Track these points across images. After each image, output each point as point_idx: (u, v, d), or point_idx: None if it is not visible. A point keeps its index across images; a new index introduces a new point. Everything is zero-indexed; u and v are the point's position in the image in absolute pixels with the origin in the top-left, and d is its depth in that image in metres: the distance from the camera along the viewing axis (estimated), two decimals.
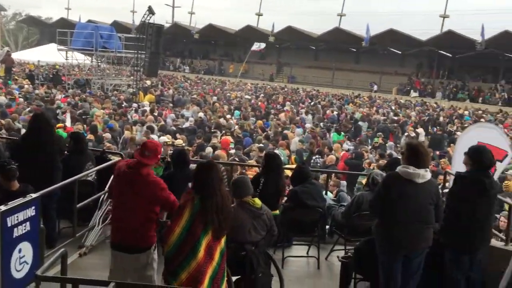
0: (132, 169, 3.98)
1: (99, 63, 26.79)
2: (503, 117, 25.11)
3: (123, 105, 18.82)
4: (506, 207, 6.30)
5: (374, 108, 25.61)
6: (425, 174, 4.11)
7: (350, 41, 40.10)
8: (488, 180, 4.46)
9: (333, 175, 8.85)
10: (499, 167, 7.56)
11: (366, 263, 4.86)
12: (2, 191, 4.87)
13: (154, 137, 11.92)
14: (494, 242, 5.03)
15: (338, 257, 5.39)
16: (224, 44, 49.80)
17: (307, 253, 6.16)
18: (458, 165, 6.74)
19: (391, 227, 4.16)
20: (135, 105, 19.32)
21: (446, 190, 6.21)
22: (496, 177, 7.56)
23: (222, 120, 16.62)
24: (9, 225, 4.19)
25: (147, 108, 17.82)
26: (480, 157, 4.52)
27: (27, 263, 4.47)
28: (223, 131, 14.15)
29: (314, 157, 11.89)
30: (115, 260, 4.09)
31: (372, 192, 5.20)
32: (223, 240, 3.59)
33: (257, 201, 4.32)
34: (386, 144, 14.77)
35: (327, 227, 6.52)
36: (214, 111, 19.12)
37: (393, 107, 27.14)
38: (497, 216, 6.59)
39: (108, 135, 11.66)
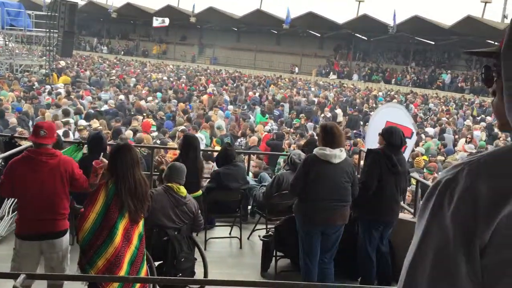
0: (32, 156, 3.78)
1: (7, 42, 24.92)
2: (413, 97, 26.72)
3: (34, 87, 17.72)
4: (414, 181, 6.74)
5: (295, 90, 26.21)
6: (340, 154, 4.30)
7: (271, 23, 40.46)
8: (397, 157, 4.76)
9: (255, 156, 8.99)
10: (409, 143, 8.05)
11: (286, 241, 5.03)
12: None
13: (71, 120, 11.38)
14: (402, 215, 5.38)
15: (259, 236, 5.53)
16: (144, 23, 48.24)
17: (230, 233, 6.24)
18: (371, 143, 7.12)
19: (310, 205, 4.34)
20: (48, 87, 18.26)
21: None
22: (407, 153, 8.07)
23: (143, 103, 16.20)
24: None
25: (61, 91, 16.90)
26: (392, 137, 4.79)
27: None
28: (144, 114, 13.84)
29: (239, 139, 12.01)
30: (26, 250, 3.86)
31: (292, 172, 5.37)
32: (141, 224, 3.53)
33: (183, 190, 4.28)
34: (306, 125, 15.21)
35: (249, 207, 6.65)
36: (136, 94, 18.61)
37: (313, 89, 27.94)
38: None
39: (13, 120, 10.92)
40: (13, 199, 5.77)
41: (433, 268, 0.92)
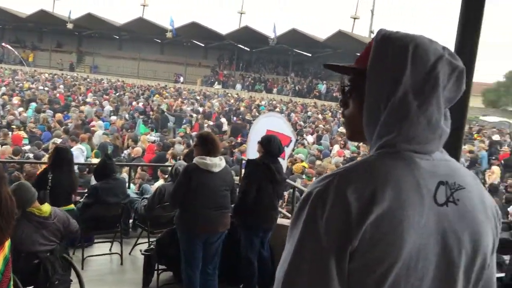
0: None
1: None
2: (293, 106, 28.07)
3: None
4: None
5: (180, 99, 26.08)
6: (220, 163, 4.38)
7: (154, 32, 39.87)
8: (274, 166, 4.96)
9: (139, 167, 8.76)
10: (287, 151, 8.43)
11: (168, 253, 4.96)
12: None
13: None
14: (280, 220, 5.62)
15: (140, 250, 5.39)
16: (14, 29, 44.59)
17: (110, 250, 5.99)
18: (252, 151, 7.34)
19: (192, 215, 4.34)
20: None
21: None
22: (286, 160, 8.45)
23: (10, 116, 14.91)
24: None
25: None
26: (270, 145, 4.99)
27: None
28: (13, 126, 12.78)
29: (124, 151, 11.61)
30: None
31: (174, 183, 5.32)
32: (6, 246, 3.23)
33: (45, 208, 3.91)
34: (192, 134, 15.20)
35: (131, 221, 6.46)
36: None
37: (198, 98, 28.03)
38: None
39: None
40: None
41: (309, 275, 0.98)
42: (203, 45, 42.30)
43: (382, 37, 1.09)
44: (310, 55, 39.59)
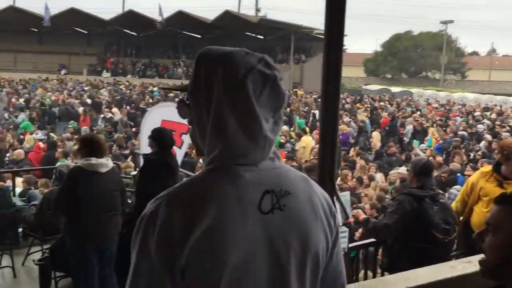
0: None
1: None
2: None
3: None
4: None
5: (66, 92, 24.59)
6: (107, 163, 4.25)
7: (30, 21, 36.85)
8: (171, 160, 4.93)
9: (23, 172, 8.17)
10: (185, 138, 8.38)
11: (65, 259, 4.77)
12: None
13: None
14: None
15: (33, 260, 5.12)
16: None
17: (0, 263, 5.60)
18: (145, 144, 7.20)
19: (80, 222, 4.14)
20: None
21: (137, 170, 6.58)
22: (184, 148, 8.40)
23: None
24: None
25: None
26: (162, 138, 4.92)
27: None
28: None
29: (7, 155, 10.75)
30: None
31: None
32: None
33: None
34: (81, 129, 14.51)
35: (20, 230, 6.07)
36: None
37: (86, 89, 26.62)
38: None
39: None
40: None
41: None
42: (86, 32, 40.01)
43: (197, 58, 1.15)
44: (200, 36, 39.30)
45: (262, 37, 37.08)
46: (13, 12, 35.61)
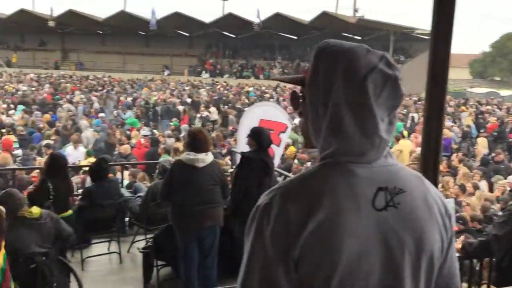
0: None
1: None
2: (282, 90, 28.07)
3: None
4: None
5: (168, 91, 25.95)
6: (205, 158, 4.43)
7: (137, 25, 39.48)
8: (268, 159, 5.04)
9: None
10: (283, 137, 8.48)
11: (166, 249, 5.05)
12: None
13: None
14: None
15: (138, 248, 5.48)
16: None
17: (108, 249, 6.07)
18: (242, 142, 7.39)
19: (180, 211, 4.43)
20: None
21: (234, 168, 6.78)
22: (282, 146, 8.49)
23: (4, 117, 14.86)
24: None
25: None
26: (260, 138, 5.04)
27: None
28: (3, 130, 12.72)
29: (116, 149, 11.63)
30: None
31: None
32: (1, 257, 3.31)
33: (35, 211, 3.99)
34: (181, 127, 15.19)
35: (126, 219, 6.53)
36: None
37: (186, 89, 27.91)
38: None
39: None
40: None
41: (260, 283, 1.06)
42: (187, 34, 41.97)
43: (317, 51, 1.15)
44: (296, 38, 39.46)
45: (359, 37, 36.34)
46: (123, 17, 38.30)
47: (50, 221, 4.04)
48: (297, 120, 17.06)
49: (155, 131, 14.84)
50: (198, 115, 18.63)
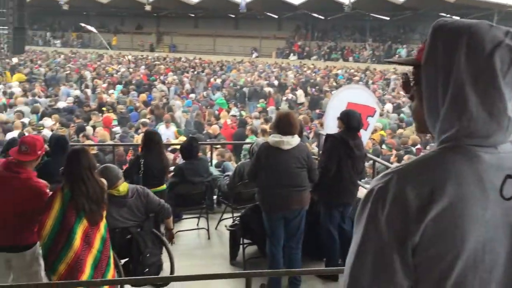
0: (10, 171, 3.68)
1: None
2: (372, 74, 27.21)
3: None
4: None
5: (256, 73, 26.21)
6: (291, 141, 4.41)
7: (228, 7, 40.14)
8: (353, 142, 4.91)
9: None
10: (371, 121, 8.25)
11: (252, 228, 5.15)
12: None
13: (25, 120, 11.10)
14: (361, 194, 5.57)
15: (225, 226, 5.63)
16: (97, 14, 46.98)
17: (197, 225, 6.31)
18: (330, 125, 7.27)
19: (266, 192, 4.48)
20: (1, 87, 17.64)
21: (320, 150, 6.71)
22: (370, 130, 8.28)
23: (105, 96, 15.91)
24: None
25: (15, 90, 16.34)
26: (349, 120, 4.95)
27: None
28: (104, 108, 13.61)
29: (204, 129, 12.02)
30: None
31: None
32: (102, 227, 3.55)
33: (122, 188, 4.19)
34: (267, 109, 15.29)
35: (215, 197, 6.73)
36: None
37: (274, 71, 28.01)
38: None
39: None
40: None
41: (373, 267, 1.03)
42: (276, 16, 41.95)
43: (434, 29, 1.08)
44: (388, 18, 37.89)
45: (458, 17, 34.04)
46: (215, 0, 39.11)
47: (137, 196, 4.25)
48: (387, 106, 16.59)
49: (242, 112, 15.08)
50: (284, 98, 18.64)
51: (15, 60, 25.23)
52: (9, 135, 8.97)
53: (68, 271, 3.30)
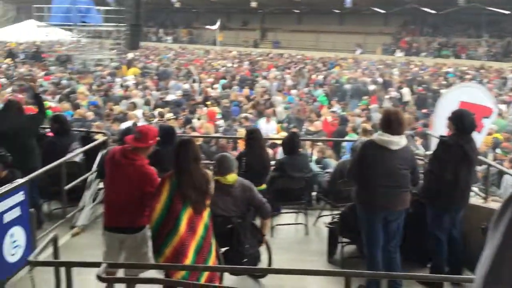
0: (127, 158, 3.97)
1: (79, 38, 26.28)
2: (487, 72, 25.24)
3: (103, 80, 18.60)
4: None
5: (360, 70, 25.55)
6: (399, 141, 4.22)
7: (333, 3, 39.57)
8: (468, 146, 4.58)
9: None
10: (487, 123, 7.69)
11: (352, 228, 5.03)
12: None
13: (138, 112, 11.89)
14: (473, 200, 5.20)
15: (325, 223, 5.56)
16: (206, 11, 48.94)
17: (296, 220, 6.31)
18: (440, 126, 6.86)
19: (367, 191, 4.33)
20: (118, 79, 19.09)
21: (427, 152, 6.37)
22: (484, 132, 7.72)
23: (210, 90, 16.54)
24: None
25: (130, 83, 17.60)
26: (462, 122, 4.61)
27: (20, 246, 4.58)
28: (209, 102, 14.14)
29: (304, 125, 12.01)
30: (110, 241, 4.14)
31: None
32: (205, 215, 3.69)
33: (230, 178, 4.32)
34: (369, 107, 14.85)
35: (314, 193, 6.68)
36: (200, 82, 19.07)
37: (379, 67, 27.09)
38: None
39: (90, 114, 11.54)
40: (92, 190, 6.21)
41: (510, 279, 0.96)
42: (383, 11, 40.53)
43: None
44: (508, 12, 34.85)
45: None
46: None
47: (242, 189, 4.36)
48: (502, 106, 15.27)
49: (343, 109, 14.79)
50: (387, 96, 17.94)
51: (130, 55, 27.16)
52: (124, 125, 9.66)
53: (173, 254, 3.49)
